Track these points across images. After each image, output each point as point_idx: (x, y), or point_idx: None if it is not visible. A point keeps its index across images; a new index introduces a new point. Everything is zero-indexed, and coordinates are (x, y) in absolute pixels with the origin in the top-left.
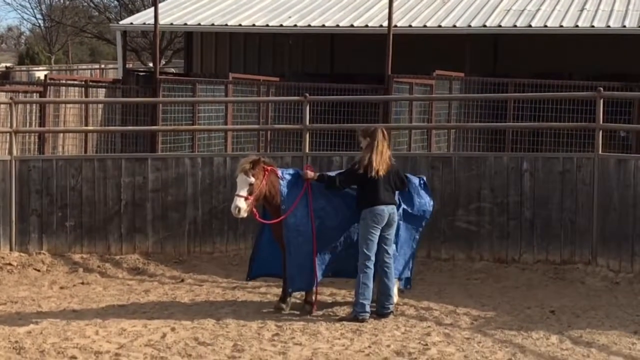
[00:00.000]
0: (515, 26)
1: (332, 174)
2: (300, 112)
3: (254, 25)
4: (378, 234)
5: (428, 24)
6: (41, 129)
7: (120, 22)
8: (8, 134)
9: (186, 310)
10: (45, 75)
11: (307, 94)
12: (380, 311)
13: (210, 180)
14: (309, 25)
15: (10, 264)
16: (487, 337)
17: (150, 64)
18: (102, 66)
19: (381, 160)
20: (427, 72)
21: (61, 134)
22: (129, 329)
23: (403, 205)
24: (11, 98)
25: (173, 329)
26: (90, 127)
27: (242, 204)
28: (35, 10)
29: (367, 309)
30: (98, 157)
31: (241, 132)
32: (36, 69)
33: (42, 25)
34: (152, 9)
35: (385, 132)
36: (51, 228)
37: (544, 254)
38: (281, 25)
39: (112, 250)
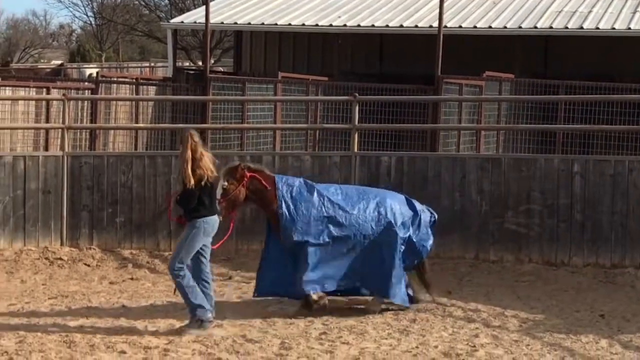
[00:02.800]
0: (566, 28)
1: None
2: (349, 111)
3: (303, 24)
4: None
5: (479, 25)
6: (93, 126)
7: (171, 21)
8: (60, 130)
9: (234, 307)
10: (97, 73)
11: (357, 94)
12: None
13: None
14: (359, 25)
15: (61, 259)
16: (535, 340)
17: (200, 63)
18: (152, 64)
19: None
20: (477, 73)
21: (112, 131)
22: (178, 324)
23: (410, 232)
24: (64, 94)
25: (221, 326)
26: (141, 125)
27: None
28: (86, 8)
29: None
30: (148, 154)
31: (289, 131)
32: (87, 66)
33: (93, 23)
34: (203, 7)
35: (193, 135)
36: (101, 224)
37: (594, 257)
38: (330, 25)
39: (161, 246)
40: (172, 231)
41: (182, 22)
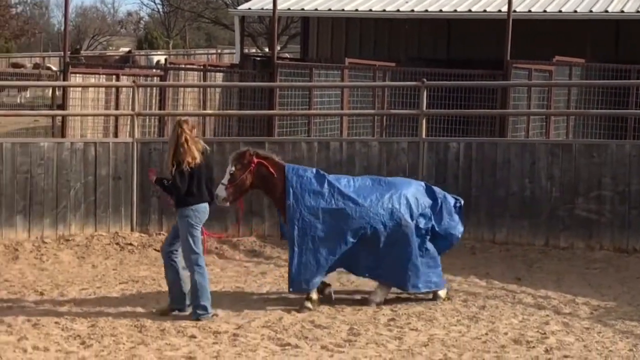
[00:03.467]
0: (638, 12)
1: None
2: (416, 97)
3: (370, 10)
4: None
5: (548, 9)
6: (161, 112)
7: (239, 8)
8: (130, 116)
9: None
10: (166, 60)
11: (425, 79)
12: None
13: (326, 164)
14: (426, 11)
15: (131, 244)
16: (607, 328)
17: (266, 49)
18: (219, 51)
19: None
20: (546, 57)
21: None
22: (247, 310)
23: (433, 222)
24: (134, 81)
25: (289, 311)
26: (209, 111)
27: (220, 192)
28: None
29: (210, 309)
30: (217, 140)
31: (356, 117)
32: (154, 53)
33: (160, 10)
34: None
35: (182, 123)
36: (171, 209)
37: None
38: (398, 11)
39: (229, 232)
40: (239, 217)
41: (250, 8)
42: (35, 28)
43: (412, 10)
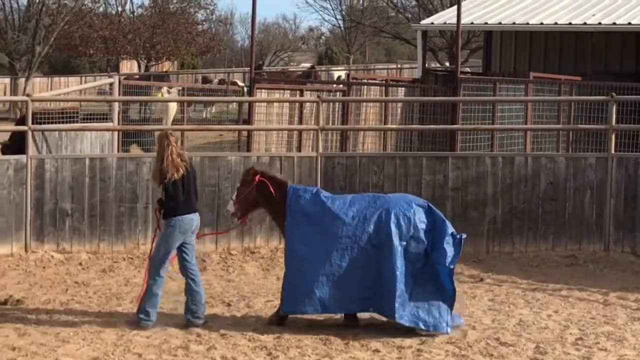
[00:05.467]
0: None
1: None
2: (604, 112)
3: (555, 23)
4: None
5: None
6: (345, 127)
7: (421, 22)
8: (314, 131)
9: (486, 309)
10: (348, 75)
11: (614, 94)
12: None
13: (510, 179)
14: (614, 24)
15: None
16: None
17: (447, 64)
18: (399, 66)
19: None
20: None
21: (361, 132)
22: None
23: (426, 247)
24: (318, 96)
25: (474, 328)
26: (392, 126)
27: (229, 207)
28: (335, 12)
29: (152, 317)
30: (400, 154)
31: (540, 132)
32: (335, 68)
33: (341, 26)
34: (452, 8)
35: (169, 135)
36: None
37: None
38: (584, 24)
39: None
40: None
41: (432, 23)
42: (220, 45)
43: (600, 23)
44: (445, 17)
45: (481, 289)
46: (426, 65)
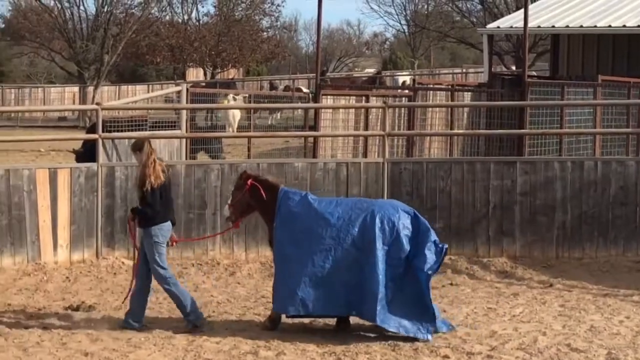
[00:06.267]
0: None
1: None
2: None
3: (624, 26)
4: None
5: None
6: (411, 132)
7: (487, 26)
8: (381, 137)
9: (556, 315)
10: (414, 80)
11: None
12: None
13: (579, 184)
14: None
15: None
16: None
17: (513, 68)
18: (464, 70)
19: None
20: None
21: (427, 137)
22: (500, 331)
23: (407, 253)
24: (384, 102)
25: (544, 334)
26: (459, 131)
27: (225, 211)
28: (399, 17)
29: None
30: (467, 159)
31: (609, 136)
32: (400, 73)
33: (406, 31)
34: (519, 12)
35: (150, 143)
36: None
37: None
38: None
39: (479, 252)
40: (490, 237)
41: (498, 27)
42: (285, 51)
43: None
44: (511, 20)
45: (551, 294)
46: (492, 69)
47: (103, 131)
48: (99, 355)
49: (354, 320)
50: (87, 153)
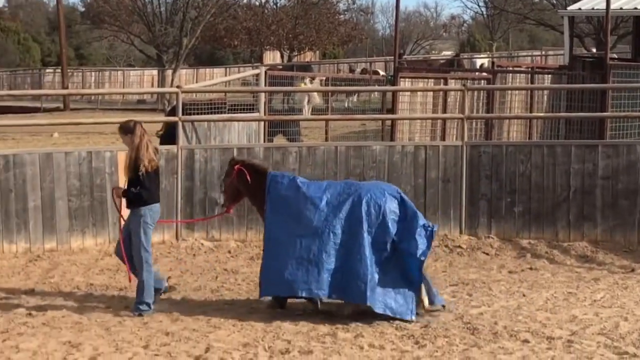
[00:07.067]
0: None
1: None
2: None
3: None
4: None
5: None
6: (491, 115)
7: (568, 8)
8: (459, 120)
9: (638, 300)
10: (493, 63)
11: None
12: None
13: None
14: None
15: (460, 247)
16: None
17: (594, 50)
18: (543, 53)
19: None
20: None
21: (506, 120)
22: (580, 316)
23: (394, 236)
24: (464, 85)
25: (626, 319)
26: (539, 114)
27: (220, 198)
28: None
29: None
30: (547, 143)
31: None
32: (477, 56)
33: (484, 13)
34: None
35: (142, 125)
36: (499, 213)
37: None
38: None
39: (559, 237)
40: (571, 222)
41: (580, 9)
42: (362, 34)
43: None
44: (592, 2)
45: (633, 279)
46: (573, 51)
47: (183, 114)
48: (179, 335)
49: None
50: (166, 135)
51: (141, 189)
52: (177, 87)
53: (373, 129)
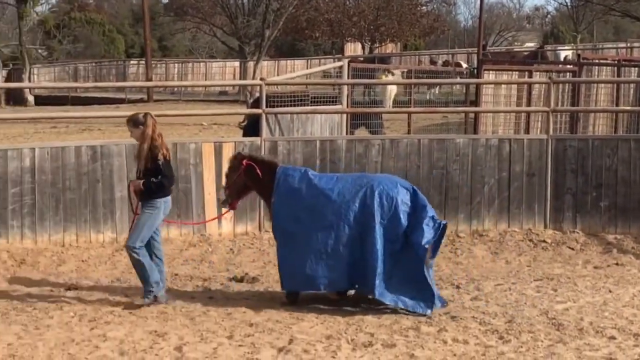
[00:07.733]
0: None
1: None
2: None
3: None
4: None
5: None
6: (577, 109)
7: None
8: (544, 113)
9: None
10: (579, 55)
11: None
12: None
13: None
14: None
15: (544, 241)
16: None
17: None
18: (628, 44)
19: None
20: None
21: (592, 114)
22: None
23: (405, 228)
24: (549, 77)
25: None
26: (627, 107)
27: (222, 195)
28: None
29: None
30: (634, 137)
31: None
32: (562, 48)
33: (568, 4)
34: None
35: (153, 116)
36: (585, 207)
37: None
38: None
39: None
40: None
41: None
42: (444, 25)
43: None
44: None
45: None
46: None
47: (266, 106)
48: (263, 326)
49: None
50: (249, 127)
51: (162, 177)
52: (261, 79)
53: (455, 122)
